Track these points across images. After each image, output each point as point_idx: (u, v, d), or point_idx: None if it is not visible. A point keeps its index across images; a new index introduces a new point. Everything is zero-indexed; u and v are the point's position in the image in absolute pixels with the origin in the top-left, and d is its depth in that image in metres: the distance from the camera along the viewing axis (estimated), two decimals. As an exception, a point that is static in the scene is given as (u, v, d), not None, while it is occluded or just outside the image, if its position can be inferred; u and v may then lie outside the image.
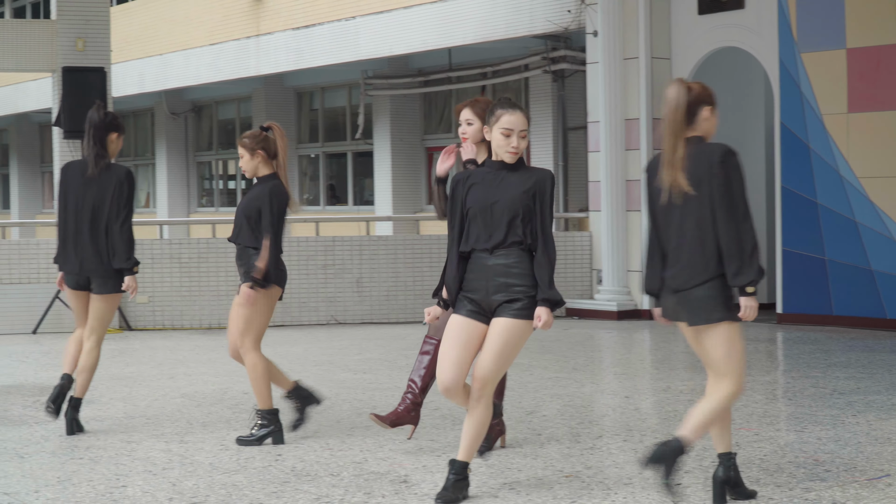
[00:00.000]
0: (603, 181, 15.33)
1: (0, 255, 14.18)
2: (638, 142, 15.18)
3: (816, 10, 13.83)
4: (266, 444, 7.26)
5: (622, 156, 15.25)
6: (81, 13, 14.42)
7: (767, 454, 6.77)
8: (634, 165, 15.18)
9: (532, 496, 5.83)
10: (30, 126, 32.01)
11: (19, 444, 7.23)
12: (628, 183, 15.02)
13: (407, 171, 21.53)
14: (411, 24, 19.20)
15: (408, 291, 15.25)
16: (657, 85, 15.20)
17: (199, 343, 12.85)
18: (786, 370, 10.64)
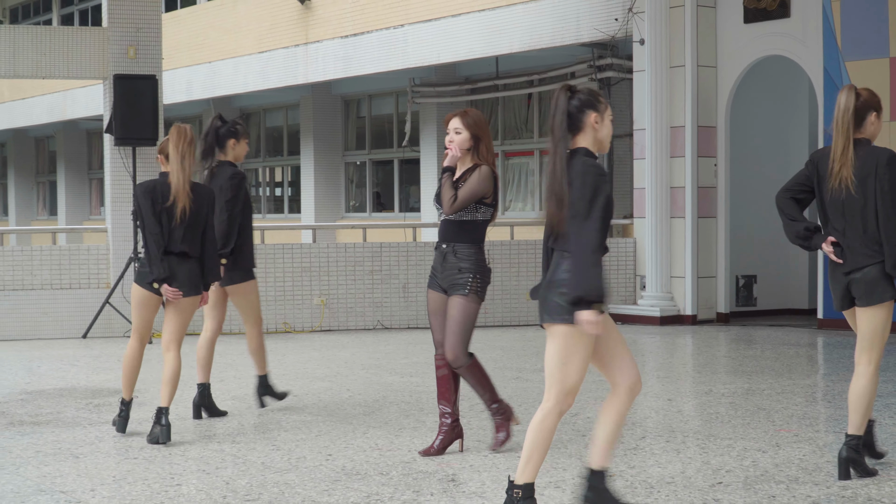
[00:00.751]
0: (648, 188, 15.40)
1: (50, 260, 14.31)
2: (683, 149, 15.23)
3: (861, 19, 13.85)
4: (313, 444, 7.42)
5: (667, 163, 15.31)
6: (133, 21, 14.49)
7: (807, 454, 6.87)
8: (679, 173, 15.26)
9: (577, 494, 5.92)
10: (77, 133, 32.10)
11: (74, 445, 7.36)
12: (672, 190, 15.09)
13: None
14: (459, 33, 19.24)
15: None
16: (703, 93, 15.28)
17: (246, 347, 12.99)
18: (826, 374, 10.68)
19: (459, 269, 6.80)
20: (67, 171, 32.47)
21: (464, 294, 6.78)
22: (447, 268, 6.85)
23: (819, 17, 14.22)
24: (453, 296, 6.80)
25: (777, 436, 7.45)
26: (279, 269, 14.88)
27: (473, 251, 6.85)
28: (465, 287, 6.78)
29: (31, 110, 30.82)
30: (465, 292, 6.78)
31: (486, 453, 7.01)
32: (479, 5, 18.85)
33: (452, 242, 6.84)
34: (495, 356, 11.95)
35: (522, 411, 8.49)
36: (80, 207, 32.29)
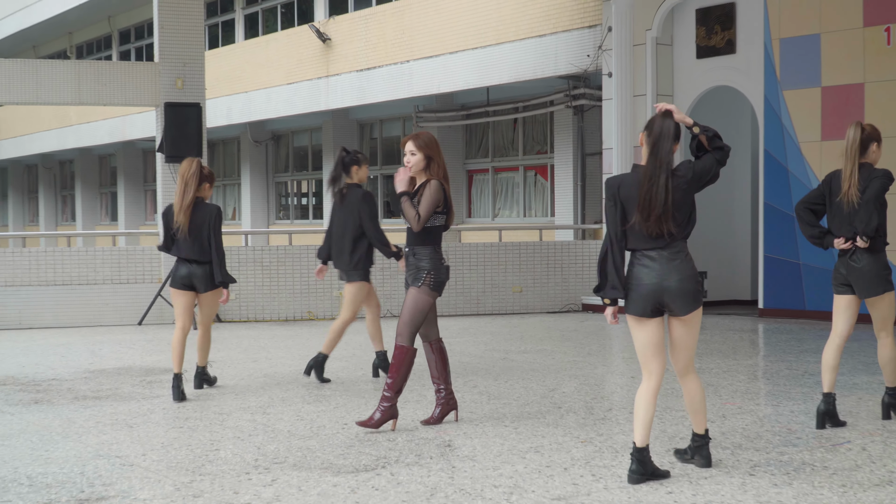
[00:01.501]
0: (615, 198, 15.34)
1: (111, 259, 14.38)
2: (644, 165, 15.19)
3: (797, 54, 13.86)
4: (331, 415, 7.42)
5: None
6: (180, 57, 14.53)
7: (749, 424, 6.86)
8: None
9: (553, 457, 5.96)
10: (135, 151, 32.19)
11: (129, 416, 7.37)
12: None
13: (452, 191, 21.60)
14: (455, 67, 19.27)
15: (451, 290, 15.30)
16: (661, 117, 15.24)
17: (278, 333, 13.00)
18: (765, 355, 10.67)
19: (419, 267, 6.86)
20: (126, 184, 32.60)
21: (418, 286, 6.83)
22: (410, 267, 6.92)
23: (761, 53, 14.23)
24: (412, 287, 6.87)
25: (723, 408, 7.45)
26: (304, 266, 14.88)
27: (429, 252, 6.88)
28: (420, 280, 6.83)
29: (96, 132, 30.89)
30: (419, 284, 6.82)
31: (478, 423, 6.99)
32: (472, 44, 18.88)
33: (413, 246, 6.91)
34: (486, 340, 11.95)
35: (508, 388, 8.50)
36: (137, 214, 32.41)
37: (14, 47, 35.93)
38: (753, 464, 5.74)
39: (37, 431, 6.86)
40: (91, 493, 5.28)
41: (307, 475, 5.60)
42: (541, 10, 17.60)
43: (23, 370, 9.81)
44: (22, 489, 5.35)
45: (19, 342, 12.16)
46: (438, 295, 6.93)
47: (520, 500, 5.07)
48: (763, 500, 5.01)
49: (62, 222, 37.52)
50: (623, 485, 5.32)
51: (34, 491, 5.31)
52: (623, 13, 15.26)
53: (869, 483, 5.27)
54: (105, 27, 33.03)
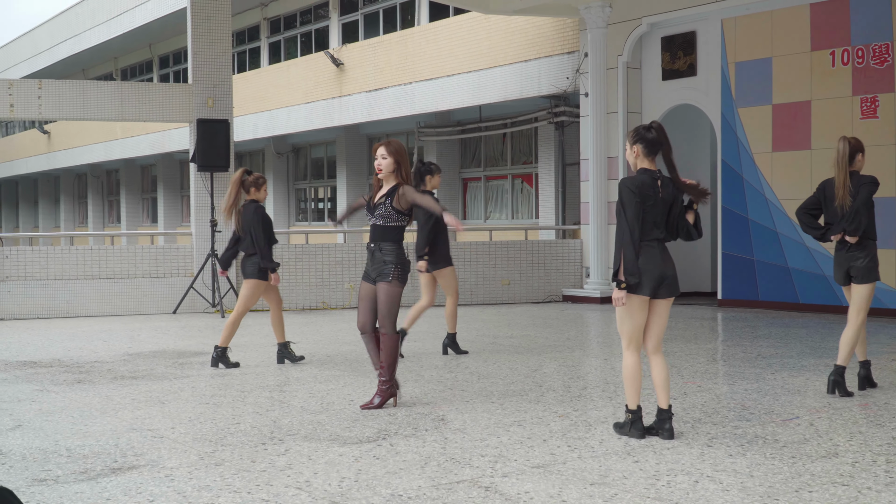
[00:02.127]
0: (591, 202, 15.32)
1: (150, 256, 14.34)
2: (617, 173, 15.17)
3: (750, 76, 13.81)
4: (339, 392, 7.33)
5: (605, 184, 15.24)
6: (211, 80, 14.52)
7: (707, 401, 6.80)
8: (614, 191, 15.11)
9: (534, 430, 5.89)
10: (172, 161, 32.21)
11: (161, 394, 7.31)
12: (609, 203, 14.96)
13: (449, 195, 21.58)
14: (452, 89, 19.24)
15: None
16: (631, 132, 15.19)
17: (296, 320, 12.95)
18: (723, 340, 10.60)
19: (384, 262, 6.66)
20: (165, 190, 32.64)
21: (388, 281, 6.63)
22: (375, 261, 6.70)
23: (718, 75, 14.18)
24: (380, 283, 6.65)
25: (685, 387, 7.38)
26: (319, 262, 14.83)
27: (394, 248, 6.67)
28: (389, 275, 6.63)
29: (139, 145, 30.91)
30: (389, 279, 6.63)
31: (469, 400, 6.92)
32: (467, 68, 18.83)
33: (379, 242, 6.70)
34: (477, 326, 11.88)
35: (496, 368, 8.44)
36: (174, 217, 32.43)
37: (66, 70, 35.94)
38: (711, 436, 5.67)
39: (77, 408, 6.79)
40: (123, 462, 5.20)
41: (316, 445, 5.53)
42: (526, 38, 17.55)
43: (68, 353, 9.76)
44: (61, 460, 5.27)
45: (66, 329, 12.12)
46: (405, 285, 6.75)
47: (503, 467, 4.99)
48: (719, 468, 4.93)
49: (109, 224, 37.53)
50: (595, 454, 5.24)
51: (72, 461, 5.23)
52: (598, 41, 15.18)
53: (816, 455, 5.20)
54: (147, 53, 33.03)
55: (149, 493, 4.58)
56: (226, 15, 14.66)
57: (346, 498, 4.46)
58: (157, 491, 4.62)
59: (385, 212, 6.67)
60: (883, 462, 5.01)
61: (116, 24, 30.38)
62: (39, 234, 16.05)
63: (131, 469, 5.04)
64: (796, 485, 4.61)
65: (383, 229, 6.70)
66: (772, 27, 13.52)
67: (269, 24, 27.13)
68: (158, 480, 4.81)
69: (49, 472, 5.00)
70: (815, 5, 13.00)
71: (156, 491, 4.62)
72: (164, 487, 4.68)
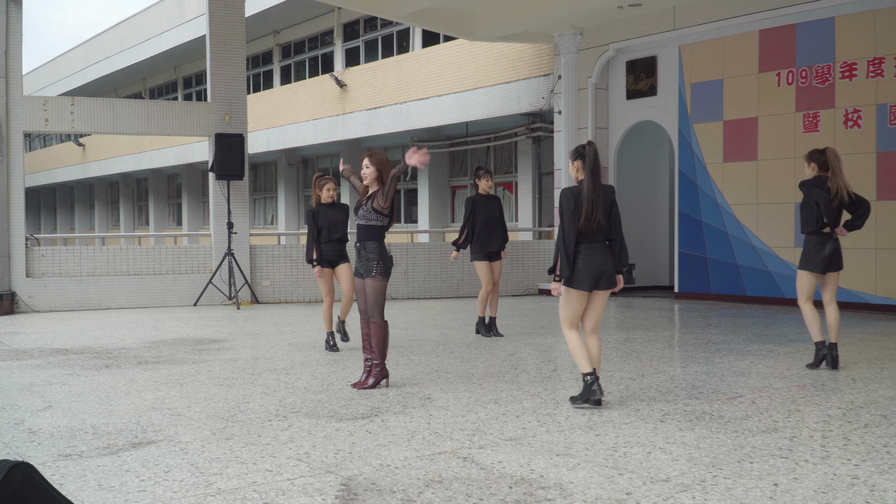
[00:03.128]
0: (564, 207, 15.30)
1: (174, 255, 14.29)
2: (587, 182, 15.16)
3: (704, 95, 13.83)
4: (339, 375, 7.31)
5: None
6: (227, 99, 14.47)
7: (662, 382, 6.79)
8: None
9: (508, 407, 5.87)
10: (195, 171, 32.13)
11: (180, 377, 7.27)
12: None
13: (438, 202, 21.59)
14: (442, 107, 19.23)
15: (437, 277, 15.30)
16: (599, 145, 15.20)
17: (302, 311, 12.94)
18: (679, 328, 10.60)
19: (368, 259, 6.65)
20: (188, 197, 32.57)
21: (372, 276, 6.62)
22: (361, 259, 6.69)
23: (676, 95, 14.19)
24: (367, 278, 6.65)
25: (643, 369, 7.37)
26: (323, 260, 14.78)
27: (376, 246, 6.65)
28: (373, 271, 6.62)
29: (165, 156, 30.82)
30: (373, 274, 6.61)
31: (453, 381, 6.90)
32: (455, 89, 18.83)
33: (363, 241, 6.67)
34: (462, 316, 11.87)
35: (477, 353, 8.42)
36: (197, 220, 32.37)
37: (99, 89, 35.82)
38: (664, 413, 5.66)
39: (104, 390, 6.75)
40: (143, 438, 5.17)
41: (316, 421, 5.51)
42: (507, 62, 17.55)
43: (98, 341, 9.71)
44: (87, 436, 5.24)
45: (97, 320, 12.06)
46: (388, 279, 6.72)
47: (480, 440, 4.98)
48: (670, 441, 4.93)
49: (139, 226, 37.40)
50: (561, 429, 5.23)
51: (97, 438, 5.20)
52: (570, 65, 15.18)
53: (757, 430, 5.20)
54: (172, 74, 32.92)
55: (165, 465, 4.56)
56: (241, 41, 14.63)
57: (341, 468, 4.45)
58: (172, 463, 4.60)
59: (366, 212, 6.67)
60: (819, 437, 5.00)
61: (144, 49, 30.30)
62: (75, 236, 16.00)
63: (150, 444, 5.01)
64: (738, 456, 4.60)
65: (366, 229, 6.69)
66: (724, 52, 13.54)
67: (280, 49, 27.07)
68: (174, 453, 4.79)
69: (75, 447, 4.97)
70: (764, 31, 13.02)
71: (171, 463, 4.60)
72: (178, 459, 4.66)
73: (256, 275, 14.50)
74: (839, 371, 7.16)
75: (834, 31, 12.20)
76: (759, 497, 3.91)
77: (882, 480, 4.13)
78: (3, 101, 13.19)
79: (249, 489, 4.11)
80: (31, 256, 13.47)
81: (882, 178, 11.72)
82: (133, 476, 4.36)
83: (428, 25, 15.17)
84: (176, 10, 27.96)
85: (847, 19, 12.05)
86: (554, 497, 3.94)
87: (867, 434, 5.03)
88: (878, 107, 11.74)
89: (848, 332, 9.57)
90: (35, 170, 41.27)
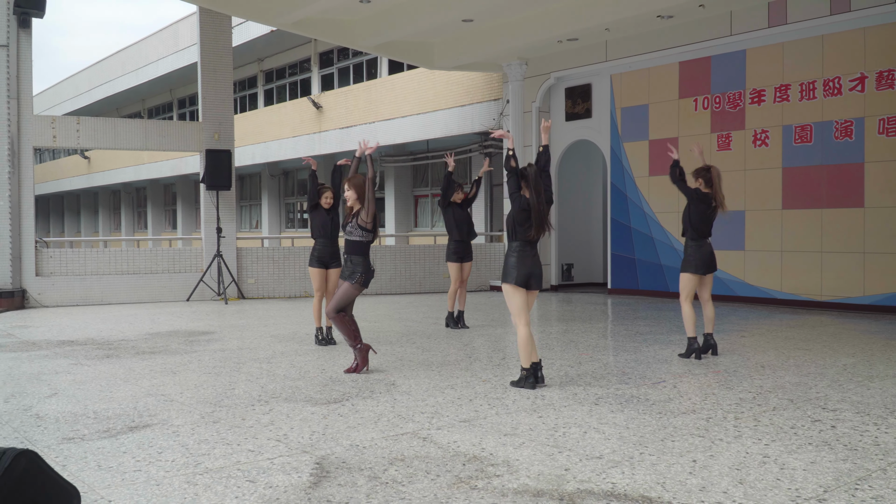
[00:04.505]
0: (512, 214, 15.31)
1: (169, 256, 14.06)
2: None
3: (632, 117, 13.93)
4: (314, 364, 7.23)
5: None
6: (217, 118, 14.30)
7: (596, 369, 6.79)
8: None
9: (463, 392, 5.84)
10: (189, 181, 31.67)
11: (174, 366, 7.15)
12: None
13: (403, 210, 21.51)
14: (406, 127, 19.16)
15: (402, 275, 15.23)
16: (543, 160, 15.26)
17: (283, 306, 12.80)
18: (612, 321, 10.65)
19: (354, 269, 6.69)
20: (182, 204, 32.11)
21: (352, 282, 6.65)
22: (347, 267, 6.74)
23: (608, 117, 14.27)
24: (346, 281, 6.68)
25: (580, 357, 7.39)
26: (302, 260, 14.66)
27: (361, 259, 6.72)
28: (354, 278, 6.66)
29: (161, 168, 30.33)
30: (353, 280, 6.64)
31: (415, 368, 6.85)
32: (417, 111, 18.78)
33: (350, 254, 6.76)
34: (424, 310, 11.82)
35: (436, 343, 8.38)
36: (190, 225, 31.89)
37: (102, 108, 35.15)
38: (598, 396, 5.67)
39: (105, 378, 6.60)
40: (140, 421, 5.06)
41: (294, 405, 5.43)
42: (463, 88, 17.53)
43: (100, 334, 9.51)
44: (88, 420, 5.11)
45: (100, 314, 11.82)
46: (365, 289, 6.75)
47: (438, 422, 4.94)
48: (603, 422, 4.93)
49: (138, 230, 36.78)
50: (508, 411, 5.21)
51: (97, 422, 5.08)
52: (517, 91, 15.20)
53: (678, 411, 5.22)
54: (168, 96, 32.41)
55: (158, 447, 4.46)
56: (228, 68, 14.44)
57: (315, 448, 4.38)
58: (165, 444, 4.50)
59: (353, 228, 6.76)
60: (732, 418, 5.01)
61: (143, 73, 29.79)
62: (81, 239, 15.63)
63: (145, 427, 4.91)
64: (662, 435, 4.61)
65: (353, 244, 6.76)
66: (649, 80, 13.65)
67: (264, 75, 26.79)
68: (167, 436, 4.69)
69: (77, 431, 4.85)
70: (683, 63, 13.14)
71: (164, 444, 4.50)
72: (170, 441, 4.57)
73: (242, 273, 14.32)
74: (749, 358, 7.23)
75: (745, 62, 12.36)
76: (679, 472, 3.92)
77: (791, 459, 4.13)
78: (16, 120, 12.88)
79: (234, 468, 4.04)
80: (40, 257, 13.17)
81: (787, 190, 11.90)
82: (129, 457, 4.26)
83: (393, 56, 15.10)
84: (171, 40, 27.56)
85: (757, 51, 12.20)
86: (502, 473, 3.91)
87: (775, 416, 5.07)
88: (783, 127, 11.91)
89: (757, 325, 9.69)
90: (45, 179, 40.40)
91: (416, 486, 3.73)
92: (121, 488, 3.75)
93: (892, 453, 4.20)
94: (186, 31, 26.03)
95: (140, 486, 3.77)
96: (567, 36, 13.48)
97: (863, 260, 11.08)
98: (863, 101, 11.05)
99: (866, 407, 5.28)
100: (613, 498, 3.53)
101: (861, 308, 10.99)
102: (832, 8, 11.18)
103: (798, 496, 3.55)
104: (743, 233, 12.34)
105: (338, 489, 3.70)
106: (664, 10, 12.11)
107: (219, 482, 3.81)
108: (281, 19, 12.79)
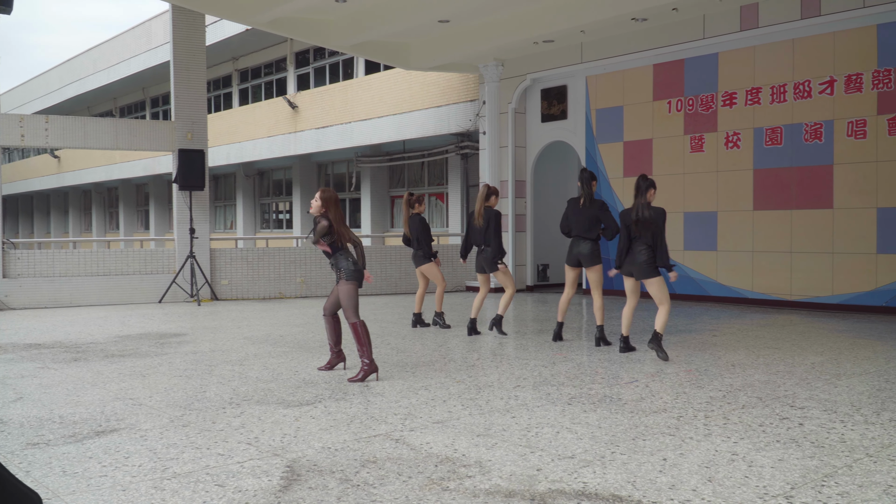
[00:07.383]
0: (488, 215, 15.35)
1: (141, 257, 13.91)
2: (507, 193, 15.24)
3: (607, 119, 14.00)
4: (287, 366, 7.19)
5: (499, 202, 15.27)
6: (190, 117, 14.17)
7: (570, 369, 6.81)
8: (504, 207, 15.26)
9: (437, 393, 5.83)
10: (161, 181, 31.43)
11: (143, 369, 7.07)
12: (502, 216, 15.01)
13: (379, 210, 21.46)
14: (383, 127, 19.13)
15: (377, 276, 15.18)
16: (518, 161, 15.29)
17: (257, 308, 12.71)
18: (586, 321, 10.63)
19: (338, 269, 6.55)
20: (155, 204, 31.82)
21: (346, 279, 6.52)
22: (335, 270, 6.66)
23: (584, 119, 14.33)
24: (342, 281, 6.54)
25: (554, 358, 7.40)
26: (277, 260, 14.57)
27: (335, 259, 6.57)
28: (340, 278, 6.54)
29: (134, 168, 30.03)
30: (346, 278, 6.52)
31: (388, 369, 6.82)
32: (393, 111, 18.74)
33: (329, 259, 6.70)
34: (399, 311, 11.78)
35: (411, 343, 8.36)
36: (163, 225, 31.62)
37: (73, 107, 34.76)
38: (571, 396, 5.68)
39: (72, 382, 6.50)
40: (107, 426, 4.98)
41: (266, 408, 5.38)
42: (439, 89, 17.53)
43: (68, 336, 9.38)
44: (54, 426, 5.02)
45: (68, 316, 11.66)
46: (356, 282, 6.58)
47: (412, 423, 4.92)
48: (576, 421, 4.94)
49: (110, 231, 36.39)
50: (482, 412, 5.21)
51: (63, 427, 4.99)
52: (493, 92, 15.23)
53: (650, 410, 5.25)
54: (140, 95, 32.10)
55: (125, 451, 4.39)
56: (202, 67, 14.31)
57: (287, 451, 4.34)
58: (132, 449, 4.44)
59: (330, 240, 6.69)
60: (702, 417, 5.04)
61: (115, 71, 29.48)
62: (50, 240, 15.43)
63: (113, 432, 4.84)
64: (633, 434, 4.63)
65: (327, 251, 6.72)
66: (624, 82, 13.73)
67: (239, 74, 26.61)
68: (134, 440, 4.62)
69: (42, 436, 4.76)
70: (657, 65, 13.24)
71: (131, 449, 4.44)
72: (138, 446, 4.50)
73: (216, 275, 14.20)
74: (720, 357, 7.29)
75: (717, 65, 12.47)
76: (650, 471, 3.93)
77: (759, 457, 4.16)
78: (-18, 118, 12.68)
79: (203, 472, 3.99)
80: (7, 258, 12.97)
81: (758, 191, 12.01)
82: (95, 462, 4.19)
83: (369, 56, 15.05)
84: (144, 38, 27.28)
85: (729, 54, 12.32)
86: (474, 474, 3.91)
87: (744, 414, 5.11)
88: (755, 130, 12.03)
89: (728, 324, 9.77)
90: (13, 179, 39.83)
91: (388, 487, 3.71)
92: (86, 494, 3.70)
93: (857, 450, 4.25)
94: (160, 29, 25.79)
95: (106, 492, 3.72)
96: (543, 37, 13.52)
97: (831, 260, 11.21)
98: (832, 104, 11.19)
99: (833, 405, 5.34)
100: (584, 497, 3.53)
101: (829, 307, 11.13)
102: (803, 12, 11.31)
103: (766, 493, 3.57)
104: (715, 233, 12.45)
105: (308, 492, 3.67)
106: (639, 13, 12.19)
107: (186, 487, 3.77)
108: (256, 18, 12.71)
